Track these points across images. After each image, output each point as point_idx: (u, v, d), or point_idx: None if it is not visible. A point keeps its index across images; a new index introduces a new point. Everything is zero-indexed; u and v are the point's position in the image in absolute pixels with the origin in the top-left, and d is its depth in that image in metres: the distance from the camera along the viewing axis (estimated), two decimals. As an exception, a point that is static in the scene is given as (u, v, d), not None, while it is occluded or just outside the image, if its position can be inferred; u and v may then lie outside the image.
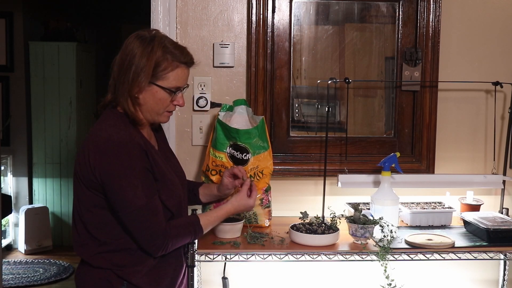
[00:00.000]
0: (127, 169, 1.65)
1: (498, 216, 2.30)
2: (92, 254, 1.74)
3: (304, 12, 2.52)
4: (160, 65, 1.71)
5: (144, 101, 1.74)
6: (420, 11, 2.51)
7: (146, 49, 1.70)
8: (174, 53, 1.73)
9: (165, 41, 1.74)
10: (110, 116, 1.75)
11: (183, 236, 1.78)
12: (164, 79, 1.73)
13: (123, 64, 1.72)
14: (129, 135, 1.68)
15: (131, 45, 1.73)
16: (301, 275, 2.56)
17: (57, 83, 5.16)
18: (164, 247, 1.73)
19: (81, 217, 1.74)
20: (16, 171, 5.19)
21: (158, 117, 1.79)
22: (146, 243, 1.71)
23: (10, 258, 4.89)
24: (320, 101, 2.52)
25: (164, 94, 1.74)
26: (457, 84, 2.57)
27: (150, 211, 1.68)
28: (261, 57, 2.46)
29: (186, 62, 1.76)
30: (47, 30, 5.21)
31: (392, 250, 2.04)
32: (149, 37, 1.73)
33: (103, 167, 1.65)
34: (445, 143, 2.60)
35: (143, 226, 1.69)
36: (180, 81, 1.76)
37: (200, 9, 2.48)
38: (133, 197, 1.65)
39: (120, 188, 1.65)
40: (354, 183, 2.47)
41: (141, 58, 1.69)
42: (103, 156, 1.65)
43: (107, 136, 1.67)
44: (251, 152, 2.25)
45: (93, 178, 1.67)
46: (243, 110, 2.35)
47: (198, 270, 2.44)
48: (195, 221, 1.82)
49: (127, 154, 1.65)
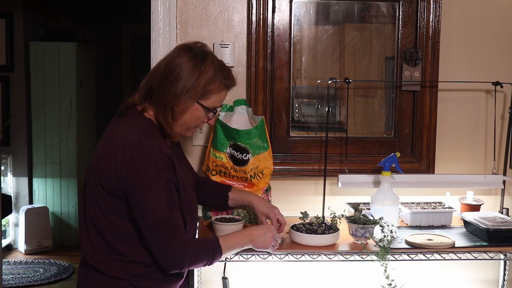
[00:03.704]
0: (153, 179, 1.60)
1: (498, 216, 2.30)
2: (105, 261, 1.68)
3: (304, 12, 2.52)
4: (209, 85, 1.71)
5: (181, 116, 1.72)
6: (420, 11, 2.51)
7: (198, 67, 1.69)
8: (222, 75, 1.74)
9: (215, 60, 1.74)
10: (137, 121, 1.70)
11: (202, 255, 1.71)
12: (207, 98, 1.73)
13: (169, 75, 1.69)
14: (158, 144, 1.64)
15: (180, 58, 1.70)
16: (301, 275, 2.56)
17: (57, 83, 5.16)
18: (180, 264, 1.67)
19: (95, 221, 1.68)
20: (16, 171, 5.19)
21: (186, 132, 1.80)
22: (163, 256, 1.65)
23: (10, 258, 4.89)
24: (320, 101, 2.52)
25: (202, 113, 1.75)
26: (457, 84, 2.57)
27: (171, 224, 1.64)
28: (261, 57, 2.46)
29: (230, 86, 1.79)
30: (47, 30, 5.21)
31: (392, 250, 2.04)
32: (200, 53, 1.72)
33: (128, 174, 1.60)
34: (445, 143, 2.60)
35: (162, 239, 1.63)
36: (219, 102, 1.78)
37: (200, 9, 2.48)
38: (156, 208, 1.61)
39: (144, 198, 1.61)
40: (354, 183, 2.47)
41: (191, 75, 1.68)
42: (130, 163, 1.60)
43: (135, 142, 1.62)
44: (251, 152, 2.25)
45: (118, 185, 1.62)
46: (243, 110, 2.35)
47: (198, 270, 2.44)
48: (215, 242, 1.76)
49: (155, 164, 1.61)
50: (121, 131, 1.67)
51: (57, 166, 5.24)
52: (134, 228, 1.67)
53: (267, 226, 1.94)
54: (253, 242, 1.87)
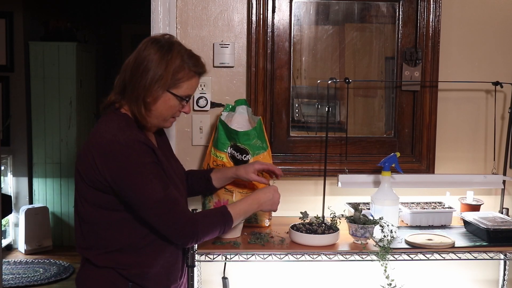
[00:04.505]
0: (138, 166, 1.65)
1: (498, 216, 2.30)
2: (97, 254, 1.73)
3: (304, 12, 2.52)
4: (177, 73, 1.73)
5: (155, 107, 1.75)
6: (420, 11, 2.51)
7: (165, 57, 1.72)
8: (190, 63, 1.76)
9: (182, 49, 1.77)
10: (113, 118, 1.75)
11: (213, 224, 1.75)
12: (178, 87, 1.75)
13: (138, 68, 1.72)
14: (133, 135, 1.68)
15: (148, 50, 1.73)
16: (301, 275, 2.56)
17: (57, 83, 5.16)
18: (194, 236, 1.70)
19: (85, 216, 1.74)
20: (16, 171, 5.19)
21: (164, 123, 1.82)
22: (176, 234, 1.69)
23: (10, 258, 4.89)
24: (320, 101, 2.52)
25: (175, 102, 1.77)
26: (457, 84, 2.57)
27: (171, 201, 1.67)
28: (261, 57, 2.46)
29: (200, 72, 1.80)
30: (47, 30, 5.21)
31: (392, 250, 2.04)
32: (166, 44, 1.75)
33: (113, 171, 1.64)
34: (445, 143, 2.60)
35: (167, 218, 1.67)
36: (191, 90, 1.79)
37: (200, 9, 2.48)
38: (151, 192, 1.64)
39: (136, 187, 1.64)
40: (354, 183, 2.47)
41: (159, 65, 1.71)
42: (110, 159, 1.64)
43: (111, 138, 1.66)
44: (250, 153, 2.25)
45: (102, 180, 1.66)
46: (244, 110, 2.35)
47: (198, 270, 2.44)
48: (224, 210, 1.80)
49: (135, 152, 1.65)
50: (98, 130, 1.72)
51: (57, 166, 5.24)
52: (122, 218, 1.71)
53: (273, 188, 1.99)
54: (261, 206, 1.94)
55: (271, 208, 1.98)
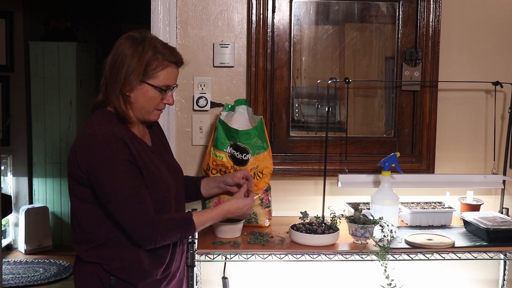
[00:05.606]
0: (109, 162, 1.70)
1: (498, 216, 2.30)
2: (84, 249, 1.79)
3: (304, 12, 2.52)
4: (151, 64, 1.77)
5: (136, 100, 1.79)
6: (420, 11, 2.51)
7: (137, 50, 1.76)
8: (164, 52, 1.79)
9: (155, 41, 1.80)
10: (98, 116, 1.81)
11: (173, 230, 1.78)
12: (154, 77, 1.78)
13: (115, 64, 1.77)
14: (111, 130, 1.73)
15: (122, 46, 1.78)
16: (301, 275, 2.56)
17: (57, 83, 5.16)
18: (153, 239, 1.74)
19: (75, 212, 1.81)
20: (16, 171, 5.19)
21: (149, 116, 1.84)
22: (135, 234, 1.74)
23: (10, 258, 4.89)
24: (320, 101, 2.52)
25: (154, 93, 1.79)
26: (457, 84, 2.57)
27: (136, 202, 1.71)
28: (261, 57, 2.46)
29: (175, 62, 1.82)
30: (47, 30, 5.21)
31: (392, 250, 2.04)
32: (139, 38, 1.79)
33: (88, 162, 1.71)
34: (445, 143, 2.60)
35: (129, 217, 1.72)
36: (170, 80, 1.81)
37: (200, 9, 2.48)
38: (117, 189, 1.70)
39: (105, 181, 1.70)
40: (354, 183, 2.47)
41: (133, 58, 1.75)
42: (87, 152, 1.71)
43: (91, 132, 1.73)
44: (250, 153, 2.25)
45: (81, 173, 1.73)
46: (244, 110, 2.35)
47: (198, 270, 2.44)
48: (187, 217, 1.83)
49: (109, 148, 1.70)
50: (83, 129, 1.79)
51: (57, 166, 5.24)
52: (105, 212, 1.75)
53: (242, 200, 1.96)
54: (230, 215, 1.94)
55: (242, 217, 2.06)
